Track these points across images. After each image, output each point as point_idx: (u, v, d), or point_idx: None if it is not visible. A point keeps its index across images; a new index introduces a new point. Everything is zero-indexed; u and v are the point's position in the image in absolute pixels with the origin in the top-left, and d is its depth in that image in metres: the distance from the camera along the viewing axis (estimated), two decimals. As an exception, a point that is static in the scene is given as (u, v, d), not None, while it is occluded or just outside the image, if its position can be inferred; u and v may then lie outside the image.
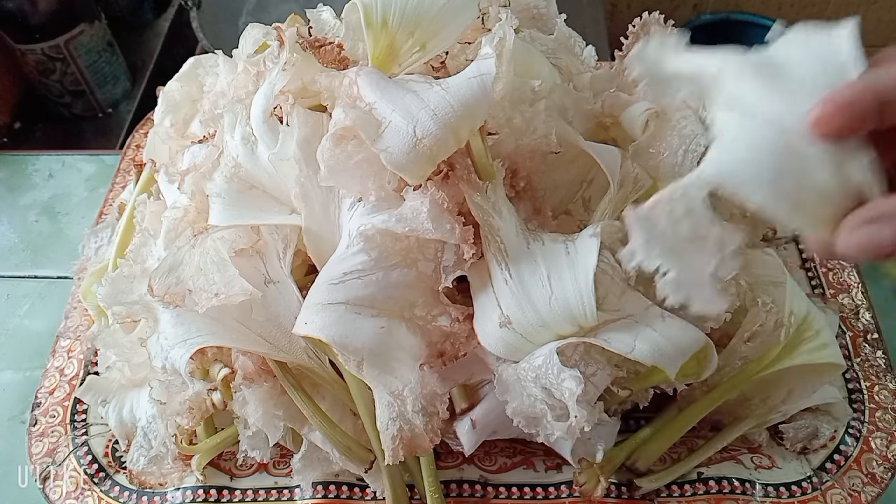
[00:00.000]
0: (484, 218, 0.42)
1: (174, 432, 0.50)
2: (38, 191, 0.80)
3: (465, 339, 0.43)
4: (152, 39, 1.11)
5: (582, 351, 0.42)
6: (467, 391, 0.48)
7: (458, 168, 0.42)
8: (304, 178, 0.45)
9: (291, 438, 0.51)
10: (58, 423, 0.56)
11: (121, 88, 1.02)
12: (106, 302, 0.50)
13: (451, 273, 0.42)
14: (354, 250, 0.42)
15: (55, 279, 0.71)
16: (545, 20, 0.57)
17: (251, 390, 0.46)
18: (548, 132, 0.45)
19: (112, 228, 0.64)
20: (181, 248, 0.47)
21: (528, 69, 0.49)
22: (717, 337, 0.45)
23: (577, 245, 0.42)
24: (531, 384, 0.41)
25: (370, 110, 0.40)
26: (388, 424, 0.41)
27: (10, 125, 0.99)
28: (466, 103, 0.40)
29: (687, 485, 0.51)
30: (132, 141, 0.76)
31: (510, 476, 0.52)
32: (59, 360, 0.59)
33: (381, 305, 0.42)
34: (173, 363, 0.45)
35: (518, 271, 0.42)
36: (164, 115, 0.64)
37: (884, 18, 1.43)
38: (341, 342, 0.41)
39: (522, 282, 0.41)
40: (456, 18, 0.45)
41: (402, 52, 0.45)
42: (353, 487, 0.51)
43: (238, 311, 0.46)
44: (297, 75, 0.46)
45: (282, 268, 0.47)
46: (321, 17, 0.54)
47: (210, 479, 0.52)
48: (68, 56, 0.93)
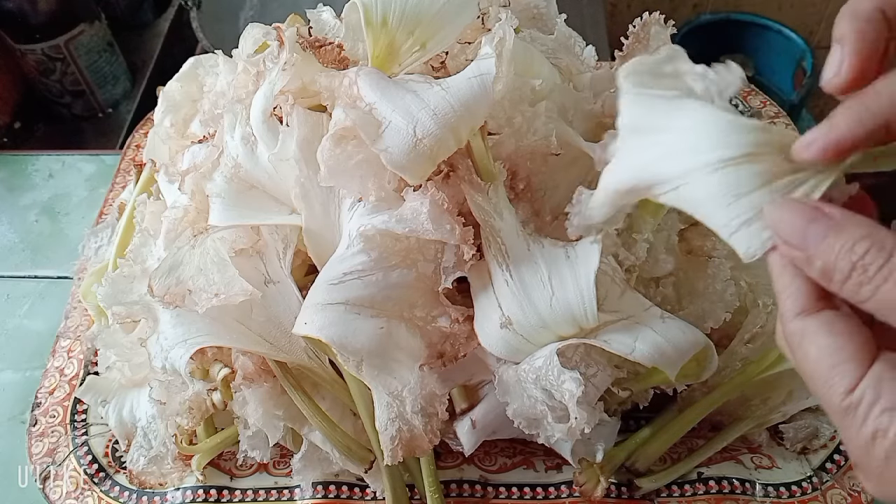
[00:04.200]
0: (485, 219, 0.42)
1: (174, 432, 0.50)
2: (38, 191, 0.80)
3: (464, 340, 0.43)
4: (152, 39, 1.11)
5: (582, 352, 0.42)
6: (467, 392, 0.48)
7: (459, 169, 0.42)
8: (304, 178, 0.45)
9: (291, 438, 0.51)
10: (58, 423, 0.56)
11: (121, 88, 1.02)
12: (106, 302, 0.50)
13: (451, 274, 0.42)
14: (354, 250, 0.42)
15: (55, 279, 0.71)
16: (545, 20, 0.57)
17: (251, 390, 0.46)
18: (548, 133, 0.45)
19: (112, 228, 0.64)
20: (181, 249, 0.47)
21: (528, 69, 0.48)
22: (717, 338, 0.45)
23: (577, 250, 0.42)
24: (531, 385, 0.41)
25: (370, 110, 0.40)
26: (388, 425, 0.41)
27: (10, 125, 0.99)
28: (466, 103, 0.40)
29: (687, 485, 0.51)
30: (132, 141, 0.76)
31: (510, 476, 0.52)
32: (59, 360, 0.59)
33: (381, 306, 0.42)
34: (173, 363, 0.45)
35: (519, 272, 0.42)
36: (164, 115, 0.64)
37: (884, 18, 1.43)
38: (341, 342, 0.41)
39: (523, 283, 0.41)
40: (456, 18, 0.45)
41: (401, 52, 0.45)
42: (353, 487, 0.51)
43: (238, 311, 0.46)
44: (297, 75, 0.46)
45: (282, 268, 0.47)
46: (321, 17, 0.54)
47: (210, 479, 0.52)
48: (68, 56, 0.93)
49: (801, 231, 0.25)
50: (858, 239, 0.24)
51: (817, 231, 0.25)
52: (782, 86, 1.43)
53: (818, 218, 0.25)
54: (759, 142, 0.27)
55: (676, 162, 0.28)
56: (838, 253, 0.25)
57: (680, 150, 0.28)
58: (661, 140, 0.29)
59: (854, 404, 0.25)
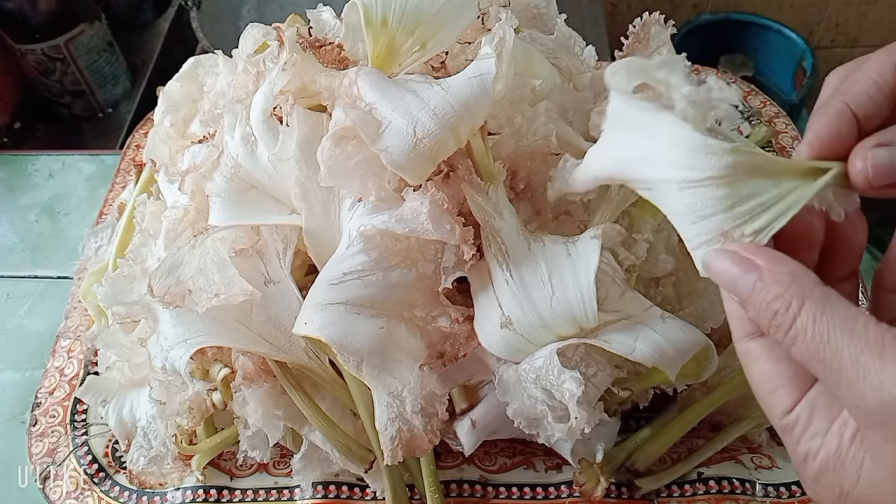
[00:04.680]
0: (485, 219, 0.42)
1: (174, 432, 0.50)
2: (38, 191, 0.80)
3: (465, 340, 0.43)
4: (152, 39, 1.11)
5: (582, 352, 0.42)
6: (467, 392, 0.48)
7: (459, 169, 0.42)
8: (304, 178, 0.45)
9: (291, 438, 0.51)
10: (58, 423, 0.56)
11: (121, 88, 1.02)
12: (106, 302, 0.50)
13: (451, 274, 0.42)
14: (354, 250, 0.42)
15: (55, 279, 0.71)
16: (545, 20, 0.57)
17: (251, 390, 0.46)
18: (548, 133, 0.45)
19: (112, 228, 0.64)
20: (181, 249, 0.47)
21: (528, 69, 0.49)
22: (717, 338, 0.45)
23: (577, 246, 0.42)
24: (532, 385, 0.41)
25: (370, 110, 0.40)
26: (387, 425, 0.41)
27: (10, 125, 0.99)
28: (466, 103, 0.40)
29: (687, 485, 0.51)
30: (132, 141, 0.76)
31: (510, 476, 0.52)
32: (59, 360, 0.59)
33: (381, 306, 0.42)
34: (173, 363, 0.45)
35: (519, 272, 0.42)
36: (164, 115, 0.64)
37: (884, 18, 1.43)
38: (340, 342, 0.41)
39: (523, 282, 0.41)
40: (456, 18, 0.45)
41: (401, 52, 0.45)
42: (353, 487, 0.51)
43: (238, 311, 0.46)
44: (297, 75, 0.46)
45: (282, 268, 0.47)
46: (321, 17, 0.54)
47: (210, 479, 0.52)
48: (68, 56, 0.93)
49: (732, 282, 0.27)
50: (772, 299, 0.26)
51: (746, 285, 0.27)
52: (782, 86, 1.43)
53: (749, 270, 0.27)
54: (727, 165, 0.27)
55: (652, 169, 0.29)
56: (760, 306, 0.27)
57: (656, 159, 0.29)
58: (642, 143, 0.30)
59: (790, 426, 0.28)
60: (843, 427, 0.27)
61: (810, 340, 0.26)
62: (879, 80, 0.28)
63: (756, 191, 0.27)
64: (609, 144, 0.31)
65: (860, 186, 0.27)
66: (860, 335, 0.25)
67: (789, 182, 0.27)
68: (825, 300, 0.26)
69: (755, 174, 0.27)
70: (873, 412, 0.25)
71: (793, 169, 0.27)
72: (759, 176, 0.27)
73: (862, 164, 0.27)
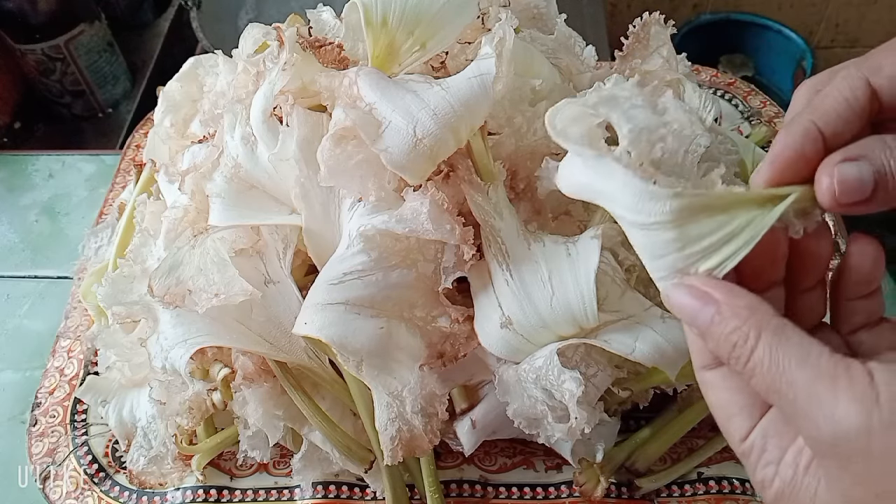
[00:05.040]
0: (485, 219, 0.42)
1: (174, 432, 0.50)
2: (38, 191, 0.80)
3: (465, 340, 0.43)
4: (152, 39, 1.11)
5: (582, 352, 0.42)
6: (467, 392, 0.48)
7: (459, 169, 0.42)
8: (304, 178, 0.45)
9: (291, 438, 0.51)
10: (58, 423, 0.56)
11: (121, 88, 1.02)
12: (106, 302, 0.50)
13: (451, 274, 0.42)
14: (354, 251, 0.42)
15: (55, 279, 0.71)
16: (545, 20, 0.57)
17: (251, 390, 0.46)
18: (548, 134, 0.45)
19: (112, 228, 0.64)
20: (181, 249, 0.47)
21: (528, 69, 0.49)
22: (717, 337, 0.45)
23: (577, 246, 0.42)
24: (532, 385, 0.41)
25: (370, 110, 0.40)
26: (387, 425, 0.41)
27: (10, 125, 0.99)
28: (467, 103, 0.40)
29: (687, 485, 0.51)
30: (132, 141, 0.76)
31: (510, 476, 0.52)
32: (59, 360, 0.59)
33: (381, 306, 0.42)
34: (173, 363, 0.45)
35: (519, 272, 0.42)
36: (164, 115, 0.64)
37: (884, 18, 1.43)
38: (340, 342, 0.41)
39: (523, 282, 0.41)
40: (456, 18, 0.45)
41: (401, 52, 0.45)
42: (353, 487, 0.51)
43: (238, 311, 0.46)
44: (297, 75, 0.46)
45: (282, 268, 0.47)
46: (321, 17, 0.54)
47: (210, 479, 0.52)
48: (68, 56, 0.93)
49: (692, 316, 0.28)
50: (730, 331, 0.27)
51: (704, 318, 0.27)
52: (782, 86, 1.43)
53: (707, 303, 0.27)
54: (672, 210, 0.27)
55: (612, 205, 0.29)
56: (719, 339, 0.27)
57: (612, 199, 0.29)
58: (599, 181, 0.30)
59: (746, 453, 0.29)
60: (799, 456, 0.27)
61: (766, 372, 0.26)
62: (850, 97, 0.28)
63: (706, 230, 0.27)
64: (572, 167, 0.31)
65: (827, 205, 0.27)
66: (814, 366, 0.25)
67: (745, 214, 0.27)
68: (780, 331, 0.26)
69: (704, 214, 0.27)
70: (826, 443, 0.25)
71: (748, 200, 0.27)
72: (710, 215, 0.27)
73: (829, 180, 0.26)
